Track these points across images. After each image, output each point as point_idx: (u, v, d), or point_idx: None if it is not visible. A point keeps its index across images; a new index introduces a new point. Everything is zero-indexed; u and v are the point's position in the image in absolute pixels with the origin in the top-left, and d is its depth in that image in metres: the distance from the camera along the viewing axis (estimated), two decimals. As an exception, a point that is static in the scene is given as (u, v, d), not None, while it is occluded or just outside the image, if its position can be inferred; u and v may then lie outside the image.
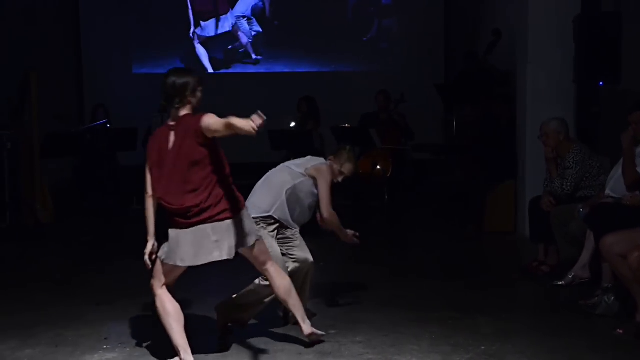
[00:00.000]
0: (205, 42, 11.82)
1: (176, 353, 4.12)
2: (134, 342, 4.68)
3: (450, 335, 4.66)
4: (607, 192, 5.54)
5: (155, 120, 9.53)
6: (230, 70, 11.95)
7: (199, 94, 4.06)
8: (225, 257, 4.03)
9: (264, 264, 4.28)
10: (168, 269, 4.15)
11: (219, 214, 4.00)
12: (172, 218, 4.07)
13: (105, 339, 4.74)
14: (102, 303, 5.49)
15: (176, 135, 4.00)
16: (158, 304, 4.15)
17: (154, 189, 4.10)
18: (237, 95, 11.18)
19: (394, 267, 6.58)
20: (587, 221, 5.49)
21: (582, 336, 4.62)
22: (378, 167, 8.94)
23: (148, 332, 4.80)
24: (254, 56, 11.86)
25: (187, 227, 4.03)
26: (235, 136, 3.74)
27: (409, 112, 9.45)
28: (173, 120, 4.02)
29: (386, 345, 4.52)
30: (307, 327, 4.41)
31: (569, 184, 6.00)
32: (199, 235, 4.01)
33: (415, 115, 9.78)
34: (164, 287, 4.17)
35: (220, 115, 3.91)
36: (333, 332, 4.68)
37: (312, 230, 5.21)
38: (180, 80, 3.98)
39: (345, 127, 9.34)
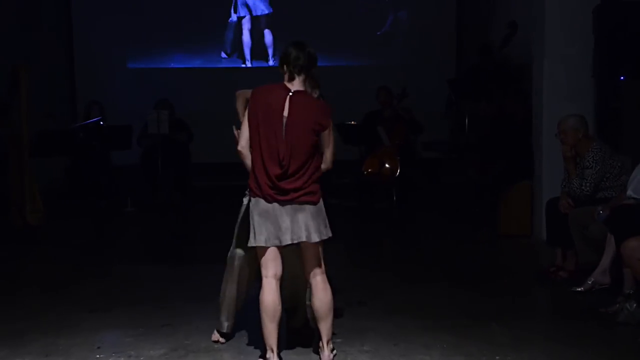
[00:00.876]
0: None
1: (264, 351, 4.19)
2: (129, 351, 4.67)
3: (463, 344, 4.65)
4: (629, 193, 5.53)
5: (151, 117, 9.59)
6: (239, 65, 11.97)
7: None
8: (308, 240, 4.14)
9: (316, 270, 4.29)
10: (261, 254, 4.20)
11: (313, 194, 4.12)
12: (267, 187, 4.09)
13: (99, 347, 4.73)
14: (96, 310, 5.49)
15: (293, 105, 4.12)
16: (260, 293, 4.21)
17: (256, 147, 4.10)
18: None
19: (402, 272, 6.57)
20: (608, 224, 5.48)
21: (602, 346, 4.61)
22: (386, 166, 8.95)
23: (144, 341, 4.80)
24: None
25: (283, 203, 4.09)
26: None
27: (418, 109, 9.45)
28: (291, 85, 4.17)
29: (395, 354, 4.51)
30: (327, 355, 4.36)
31: (588, 184, 5.98)
32: (293, 213, 4.12)
33: (425, 112, 9.77)
34: (270, 277, 4.19)
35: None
36: (339, 340, 4.67)
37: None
38: (314, 54, 4.23)
39: (352, 124, 9.36)
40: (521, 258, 7.16)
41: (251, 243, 4.20)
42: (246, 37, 11.83)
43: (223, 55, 11.87)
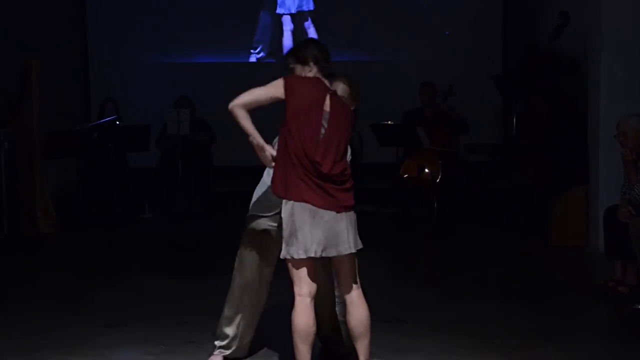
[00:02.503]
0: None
1: None
2: (149, 369, 4.71)
3: (513, 366, 4.63)
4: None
5: (170, 116, 9.64)
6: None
7: None
8: (347, 252, 4.14)
9: (352, 284, 4.28)
10: (300, 268, 4.15)
11: (351, 198, 4.14)
12: (312, 189, 4.07)
13: (117, 366, 4.77)
14: (113, 325, 5.53)
15: (334, 102, 4.16)
16: (292, 313, 4.19)
17: (294, 139, 4.06)
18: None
19: (444, 286, 6.55)
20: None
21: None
22: (426, 170, 8.94)
23: (164, 359, 4.81)
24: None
25: (327, 208, 4.08)
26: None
27: (461, 108, 9.42)
28: (327, 82, 4.23)
29: (439, 376, 4.50)
30: None
31: (651, 190, 5.93)
32: (335, 220, 4.11)
33: (469, 112, 9.74)
34: (304, 296, 4.16)
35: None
36: (377, 360, 4.67)
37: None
38: None
39: (388, 124, 9.36)
40: (576, 271, 7.11)
41: (285, 255, 4.17)
42: (287, 38, 11.81)
43: (253, 54, 11.91)
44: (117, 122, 9.61)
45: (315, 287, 4.22)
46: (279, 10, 11.77)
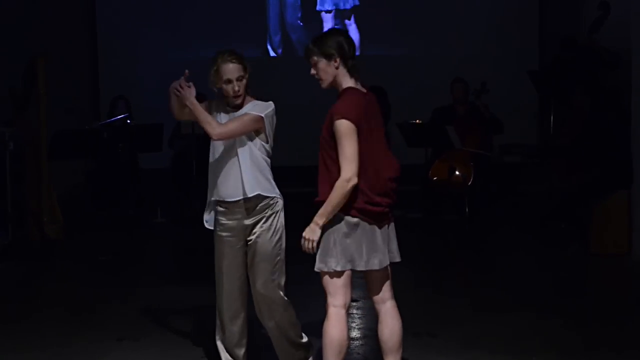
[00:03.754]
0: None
1: None
2: (164, 386, 4.72)
3: (552, 384, 4.61)
4: None
5: (184, 115, 9.66)
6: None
7: None
8: (392, 261, 4.23)
9: (386, 294, 4.31)
10: (336, 279, 4.18)
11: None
12: (374, 205, 4.09)
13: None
14: (125, 338, 5.55)
15: (371, 105, 4.19)
16: (324, 324, 4.21)
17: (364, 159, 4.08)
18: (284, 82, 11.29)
19: (477, 297, 6.53)
20: None
21: None
22: (457, 172, 8.91)
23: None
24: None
25: (382, 220, 4.13)
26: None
27: (495, 106, 9.38)
28: (358, 86, 4.23)
29: (473, 396, 4.49)
30: None
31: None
32: (385, 230, 4.19)
33: (503, 110, 9.70)
34: (339, 307, 4.19)
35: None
36: (407, 378, 4.67)
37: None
38: None
39: (416, 123, 9.34)
40: (618, 281, 7.08)
41: (322, 268, 4.15)
42: None
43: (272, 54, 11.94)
44: (129, 121, 9.65)
45: (350, 299, 4.24)
46: (318, 7, 11.81)
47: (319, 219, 4.07)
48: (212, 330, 5.31)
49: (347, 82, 4.19)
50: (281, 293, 4.64)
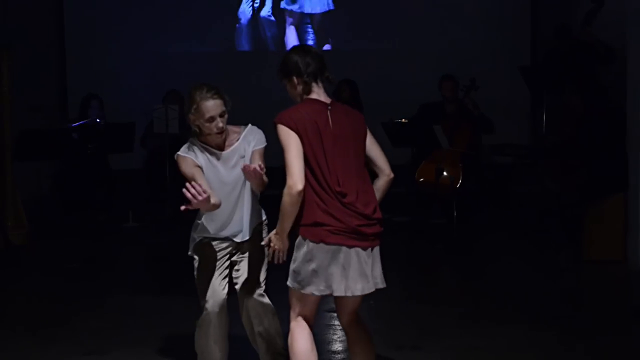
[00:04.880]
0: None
1: None
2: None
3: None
4: None
5: (158, 113, 9.64)
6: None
7: None
8: (375, 288, 4.19)
9: (355, 316, 4.32)
10: (305, 300, 4.19)
11: (381, 224, 4.16)
12: (340, 229, 4.06)
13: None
14: (93, 353, 5.51)
15: (335, 117, 4.17)
16: (289, 339, 4.24)
17: (317, 175, 4.08)
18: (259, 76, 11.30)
19: (466, 307, 6.52)
20: None
21: None
22: (445, 174, 8.91)
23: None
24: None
25: (362, 245, 4.09)
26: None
27: (485, 104, 9.39)
28: (317, 97, 4.22)
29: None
30: None
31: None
32: (367, 255, 4.13)
33: (494, 108, 9.72)
34: (300, 318, 4.23)
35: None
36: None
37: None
38: (321, 54, 4.31)
39: (402, 122, 9.33)
40: (613, 290, 7.08)
41: (296, 288, 4.14)
42: (291, 33, 11.83)
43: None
44: (98, 120, 9.61)
45: (315, 314, 4.27)
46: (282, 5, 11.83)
47: (281, 231, 4.11)
48: (188, 342, 5.31)
49: (306, 96, 4.23)
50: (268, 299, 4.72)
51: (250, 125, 4.66)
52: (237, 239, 4.62)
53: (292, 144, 4.03)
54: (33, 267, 8.03)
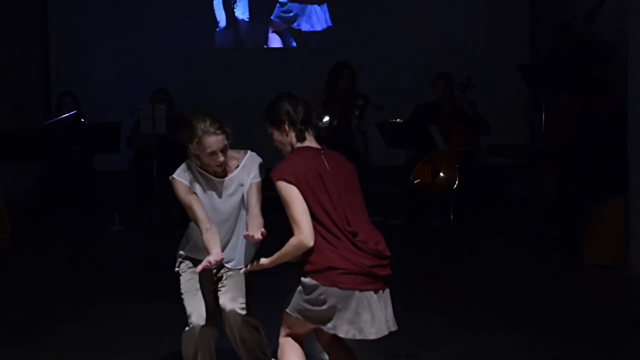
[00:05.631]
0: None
1: None
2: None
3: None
4: None
5: (144, 113, 9.63)
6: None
7: None
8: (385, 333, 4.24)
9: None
10: (302, 326, 4.27)
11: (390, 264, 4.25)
12: (354, 271, 4.11)
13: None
14: (75, 362, 5.51)
15: (330, 161, 4.26)
16: (279, 352, 4.30)
17: (325, 223, 4.12)
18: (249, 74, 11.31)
19: (462, 315, 6.52)
20: None
21: None
22: (441, 175, 8.93)
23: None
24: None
25: (374, 289, 4.14)
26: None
27: (482, 103, 9.41)
28: (309, 144, 4.30)
29: None
30: None
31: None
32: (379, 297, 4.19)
33: (491, 107, 9.73)
34: (290, 337, 4.31)
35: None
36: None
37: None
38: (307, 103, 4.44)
39: (397, 122, 9.35)
40: (614, 296, 7.07)
41: (296, 314, 4.19)
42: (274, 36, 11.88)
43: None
44: (82, 120, 9.60)
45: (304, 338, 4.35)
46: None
47: (270, 264, 4.21)
48: (175, 352, 5.31)
49: (299, 144, 4.29)
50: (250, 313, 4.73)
51: (249, 152, 4.68)
52: (229, 265, 4.63)
53: (294, 199, 4.09)
54: (16, 272, 8.02)
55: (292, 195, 4.08)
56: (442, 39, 11.48)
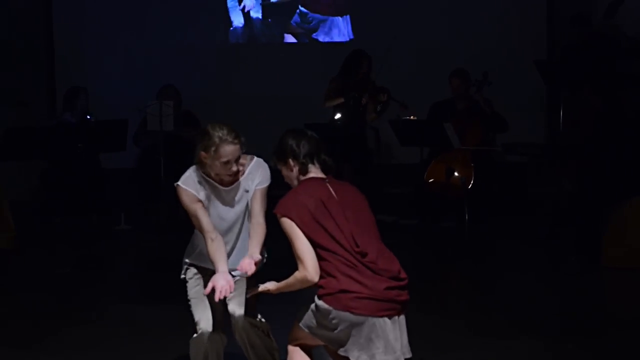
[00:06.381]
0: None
1: None
2: None
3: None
4: None
5: (151, 110, 9.66)
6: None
7: None
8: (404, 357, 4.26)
9: None
10: (312, 340, 4.36)
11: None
12: (368, 295, 4.17)
13: None
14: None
15: (336, 187, 4.37)
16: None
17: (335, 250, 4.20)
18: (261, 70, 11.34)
19: (477, 320, 6.53)
20: None
21: None
22: (455, 174, 8.95)
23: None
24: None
25: (389, 315, 4.18)
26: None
27: (498, 100, 9.41)
28: (318, 174, 4.41)
29: None
30: None
31: None
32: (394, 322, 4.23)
33: (508, 104, 9.73)
34: (299, 347, 4.40)
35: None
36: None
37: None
38: (315, 136, 4.54)
39: (410, 119, 9.35)
40: (636, 300, 7.06)
41: (308, 330, 4.27)
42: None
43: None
44: (88, 117, 9.63)
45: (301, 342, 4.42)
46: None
47: (278, 290, 4.36)
48: (184, 355, 5.36)
49: (302, 177, 4.40)
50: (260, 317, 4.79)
51: (256, 158, 4.73)
52: (236, 274, 4.64)
53: (297, 235, 4.20)
54: (21, 273, 8.06)
55: (295, 232, 4.20)
56: (456, 34, 11.46)
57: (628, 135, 8.13)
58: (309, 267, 4.16)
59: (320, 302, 4.16)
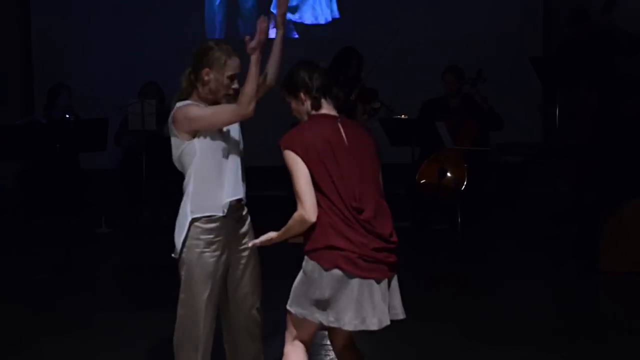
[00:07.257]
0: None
1: None
2: None
3: None
4: None
5: (133, 108, 9.64)
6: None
7: None
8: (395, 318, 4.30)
9: (351, 340, 4.43)
10: (307, 326, 4.29)
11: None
12: (356, 254, 4.13)
13: None
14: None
15: (348, 130, 4.28)
16: None
17: (334, 201, 4.15)
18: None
19: (471, 326, 6.54)
20: None
21: None
22: (448, 175, 8.96)
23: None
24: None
25: (377, 277, 4.15)
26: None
27: (493, 98, 9.43)
28: (330, 111, 4.33)
29: None
30: None
31: None
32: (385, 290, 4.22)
33: (503, 103, 9.74)
34: (297, 342, 4.34)
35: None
36: None
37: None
38: (327, 68, 4.46)
39: (401, 118, 9.36)
40: (635, 305, 7.08)
41: (302, 314, 4.21)
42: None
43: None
44: (67, 116, 9.61)
45: (311, 339, 4.36)
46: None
47: (278, 238, 4.25)
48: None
49: (314, 112, 4.33)
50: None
51: None
52: (235, 197, 4.58)
53: (300, 171, 4.14)
54: (-4, 278, 8.06)
55: (297, 167, 4.13)
56: (449, 30, 11.49)
57: (626, 135, 8.14)
58: (307, 205, 4.10)
59: (309, 263, 4.15)
